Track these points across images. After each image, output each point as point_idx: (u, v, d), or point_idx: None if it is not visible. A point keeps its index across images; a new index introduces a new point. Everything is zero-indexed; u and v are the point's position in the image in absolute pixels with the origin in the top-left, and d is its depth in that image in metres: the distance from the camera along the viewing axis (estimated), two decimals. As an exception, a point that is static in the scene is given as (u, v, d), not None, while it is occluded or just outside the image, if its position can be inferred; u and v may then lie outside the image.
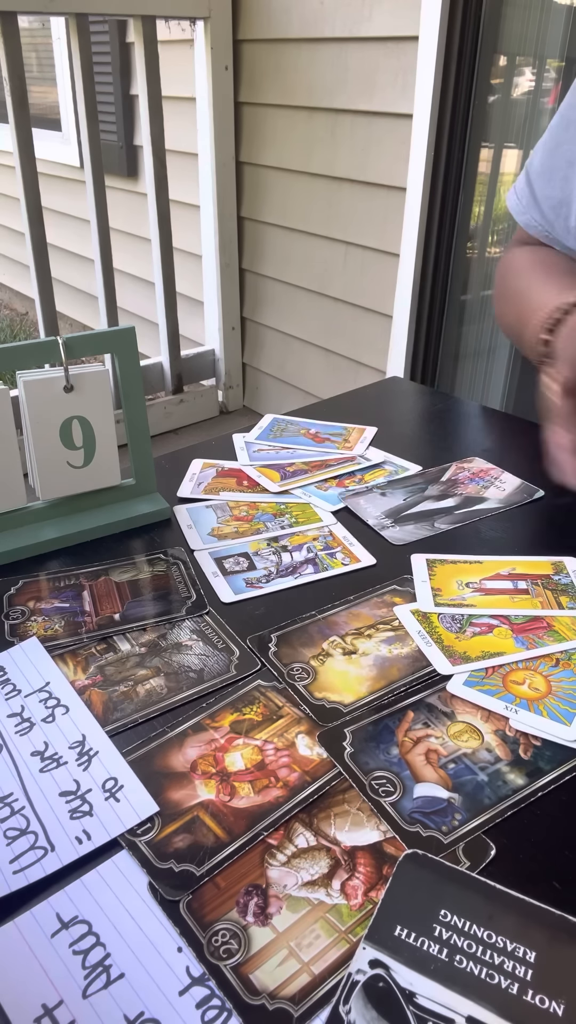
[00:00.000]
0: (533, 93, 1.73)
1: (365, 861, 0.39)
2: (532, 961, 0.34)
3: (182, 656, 0.52)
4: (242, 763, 0.44)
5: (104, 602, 0.57)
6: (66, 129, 3.33)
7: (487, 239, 1.89)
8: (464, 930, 0.35)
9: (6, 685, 0.49)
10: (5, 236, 4.11)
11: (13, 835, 0.40)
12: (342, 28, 1.91)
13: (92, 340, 0.62)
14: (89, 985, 0.34)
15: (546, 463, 0.58)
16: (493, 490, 0.71)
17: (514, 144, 1.78)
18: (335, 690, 0.49)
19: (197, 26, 2.15)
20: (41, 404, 0.61)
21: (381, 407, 0.90)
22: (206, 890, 0.37)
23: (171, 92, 2.20)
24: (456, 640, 0.53)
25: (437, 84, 1.72)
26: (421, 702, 0.48)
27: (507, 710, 0.47)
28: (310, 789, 0.42)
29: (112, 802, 0.41)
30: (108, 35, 2.73)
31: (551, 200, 0.83)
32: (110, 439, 0.64)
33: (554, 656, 0.51)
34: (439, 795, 0.42)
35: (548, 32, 1.65)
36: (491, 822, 0.40)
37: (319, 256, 2.19)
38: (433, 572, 0.60)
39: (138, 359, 0.63)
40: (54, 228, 2.26)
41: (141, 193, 2.65)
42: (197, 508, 0.69)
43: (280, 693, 0.49)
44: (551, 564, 0.61)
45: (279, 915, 0.36)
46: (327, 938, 0.35)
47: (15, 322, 4.27)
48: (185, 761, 0.44)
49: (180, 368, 2.45)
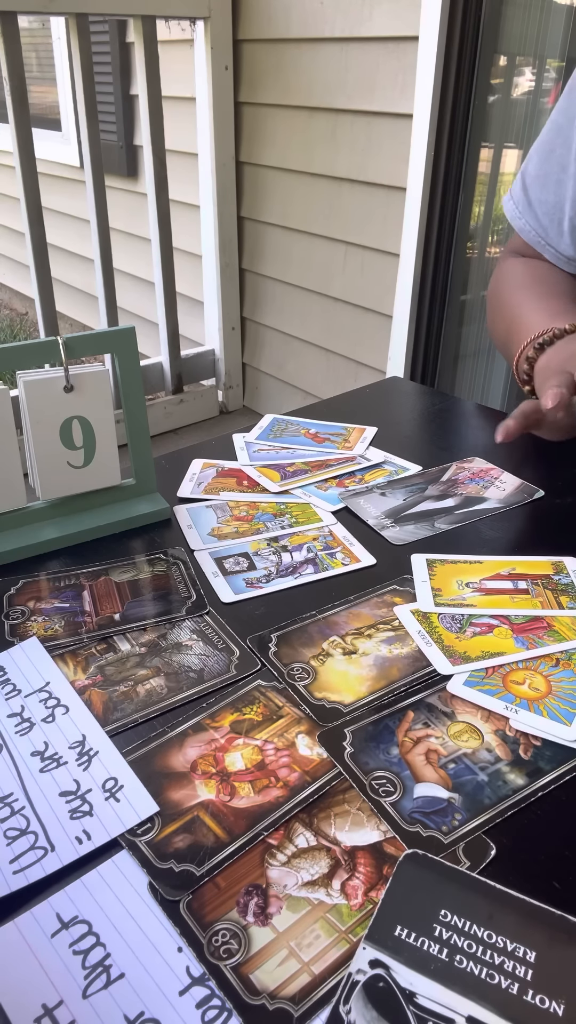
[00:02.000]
0: (533, 93, 1.73)
1: (365, 861, 0.39)
2: (532, 961, 0.34)
3: (182, 656, 0.52)
4: (242, 763, 0.44)
5: (104, 602, 0.57)
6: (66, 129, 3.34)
7: (487, 239, 1.90)
8: (464, 930, 0.35)
9: (6, 685, 0.49)
10: (5, 236, 4.11)
11: (13, 835, 0.40)
12: (342, 28, 1.91)
13: (92, 340, 0.62)
14: (89, 985, 0.34)
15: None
16: (493, 490, 0.71)
17: (514, 144, 1.78)
18: (335, 690, 0.49)
19: (197, 26, 2.16)
20: (41, 404, 0.61)
21: (381, 407, 0.90)
22: (206, 890, 0.37)
23: (171, 92, 2.21)
24: (456, 640, 0.53)
25: (437, 84, 1.72)
26: (421, 702, 0.48)
27: (507, 710, 0.47)
28: (310, 789, 0.42)
29: (112, 802, 0.41)
30: (108, 35, 2.73)
31: (545, 205, 0.83)
32: (110, 439, 0.64)
33: (554, 656, 0.51)
34: (439, 795, 0.42)
35: (548, 32, 1.65)
36: (491, 822, 0.40)
37: (319, 256, 2.19)
38: (433, 572, 0.60)
39: (138, 359, 0.63)
40: (54, 228, 2.27)
41: (141, 193, 2.65)
42: (197, 508, 0.69)
43: (280, 693, 0.49)
44: (551, 564, 0.61)
45: (279, 915, 0.36)
46: (327, 938, 0.35)
47: (15, 322, 4.27)
48: (185, 761, 0.44)
49: (180, 368, 2.45)
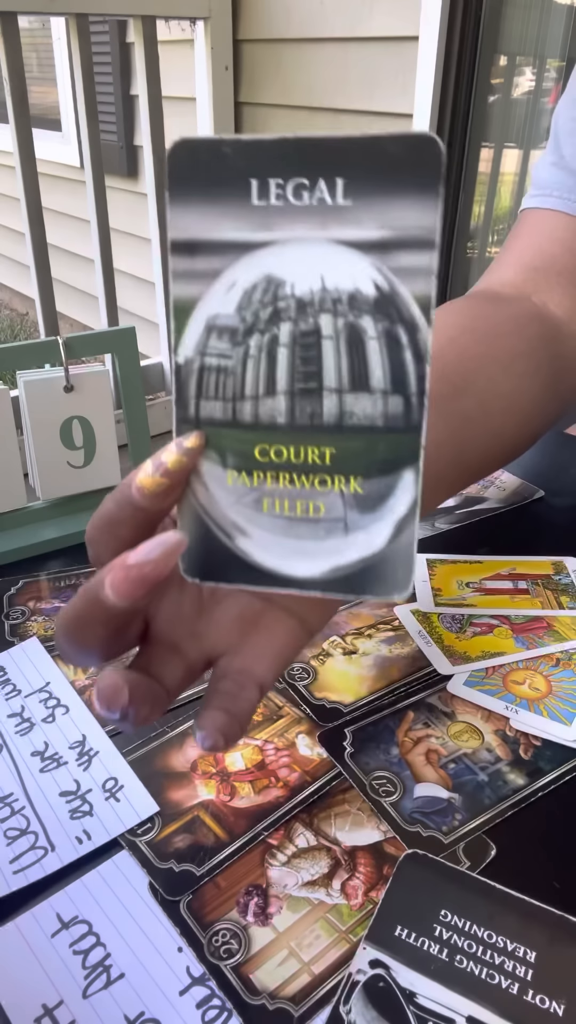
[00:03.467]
0: (533, 93, 1.73)
1: (365, 861, 0.39)
2: (532, 961, 0.34)
3: (182, 656, 0.52)
4: (242, 763, 0.44)
5: (104, 602, 0.57)
6: (66, 129, 3.34)
7: (487, 239, 1.90)
8: (464, 930, 0.35)
9: (6, 685, 0.49)
10: (5, 236, 4.11)
11: (13, 835, 0.40)
12: (342, 28, 1.91)
13: (92, 340, 0.62)
14: (89, 985, 0.34)
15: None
16: (493, 490, 0.71)
17: (514, 144, 1.78)
18: (335, 690, 0.49)
19: (197, 26, 2.16)
20: (41, 404, 0.61)
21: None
22: (206, 890, 0.37)
23: (171, 92, 2.20)
24: (456, 640, 0.53)
25: (437, 84, 1.72)
26: (421, 702, 0.48)
27: (507, 710, 0.47)
28: (310, 789, 0.42)
29: (112, 802, 0.41)
30: (108, 35, 2.73)
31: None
32: (110, 439, 0.64)
33: (554, 656, 0.51)
34: (439, 795, 0.42)
35: (548, 32, 1.65)
36: (491, 822, 0.40)
37: (319, 256, 2.19)
38: (433, 572, 0.60)
39: (138, 359, 0.63)
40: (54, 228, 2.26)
41: (141, 193, 2.65)
42: (197, 508, 0.69)
43: (280, 693, 0.49)
44: (551, 564, 0.60)
45: (279, 915, 0.36)
46: (327, 938, 0.35)
47: (15, 322, 4.27)
48: (185, 761, 0.44)
49: (180, 368, 2.45)
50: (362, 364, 0.28)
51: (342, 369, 0.28)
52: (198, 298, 0.29)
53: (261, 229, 0.27)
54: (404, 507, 0.29)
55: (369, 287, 0.27)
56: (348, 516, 0.29)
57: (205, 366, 0.29)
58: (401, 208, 0.26)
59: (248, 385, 0.29)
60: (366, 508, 0.29)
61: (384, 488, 0.29)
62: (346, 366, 0.28)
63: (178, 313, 0.29)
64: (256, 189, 0.27)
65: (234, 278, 0.28)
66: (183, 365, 0.29)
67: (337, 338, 0.28)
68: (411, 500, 0.29)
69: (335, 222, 0.27)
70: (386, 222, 0.27)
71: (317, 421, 0.29)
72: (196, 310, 0.29)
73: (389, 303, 0.27)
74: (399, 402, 0.28)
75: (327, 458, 0.29)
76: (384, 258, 0.27)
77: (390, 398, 0.28)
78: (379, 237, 0.27)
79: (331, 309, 0.28)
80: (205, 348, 0.29)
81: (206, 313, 0.29)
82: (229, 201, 0.27)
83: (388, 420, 0.28)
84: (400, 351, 0.28)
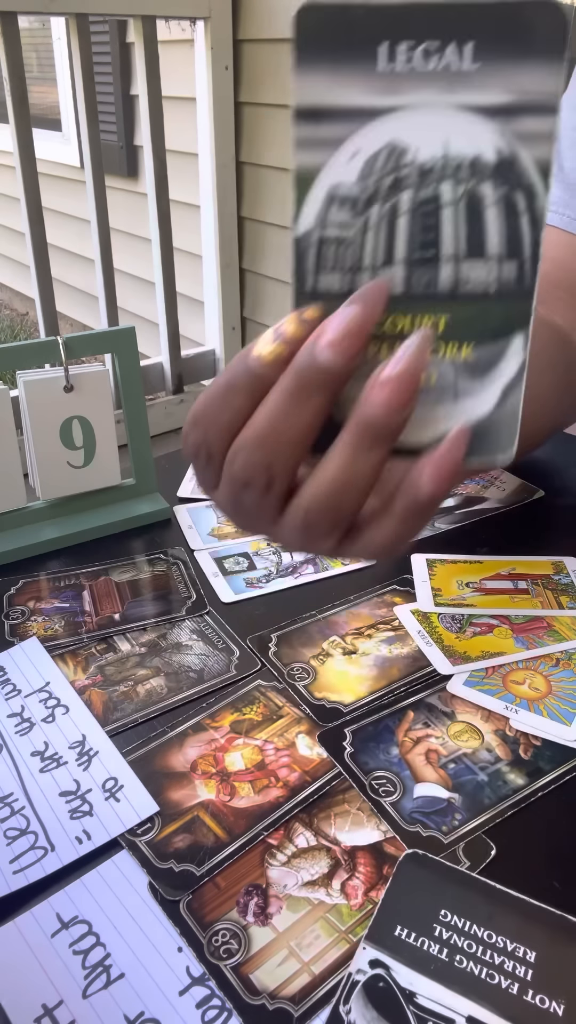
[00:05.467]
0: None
1: (365, 861, 0.39)
2: (532, 961, 0.34)
3: (182, 656, 0.52)
4: (242, 763, 0.44)
5: (104, 602, 0.57)
6: (66, 129, 3.34)
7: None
8: (464, 930, 0.35)
9: (6, 685, 0.49)
10: (5, 236, 4.11)
11: (13, 835, 0.40)
12: (342, 28, 1.91)
13: (92, 340, 0.62)
14: (89, 985, 0.34)
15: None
16: (493, 490, 0.71)
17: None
18: (335, 690, 0.49)
19: (197, 26, 2.15)
20: (41, 404, 0.61)
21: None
22: (206, 890, 0.37)
23: (171, 92, 2.20)
24: (456, 640, 0.53)
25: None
26: (421, 702, 0.48)
27: (507, 710, 0.47)
28: (310, 789, 0.42)
29: (112, 802, 0.41)
30: (108, 35, 2.73)
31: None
32: (110, 439, 0.64)
33: (554, 656, 0.51)
34: (439, 795, 0.42)
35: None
36: (491, 822, 0.40)
37: (319, 256, 2.19)
38: (433, 572, 0.60)
39: (138, 359, 0.63)
40: (54, 228, 2.26)
41: (141, 193, 2.64)
42: (197, 508, 0.69)
43: (280, 693, 0.49)
44: (551, 564, 0.60)
45: (279, 915, 0.36)
46: (327, 938, 0.35)
47: (15, 322, 4.27)
48: (185, 761, 0.44)
49: (180, 368, 2.45)
50: (479, 231, 0.28)
51: (460, 236, 0.28)
52: (320, 167, 0.28)
53: (387, 94, 0.27)
54: (512, 371, 0.29)
55: (491, 153, 0.27)
56: (458, 383, 0.30)
57: (324, 238, 0.29)
58: (527, 72, 0.26)
59: (367, 256, 0.29)
60: (476, 374, 0.30)
61: (494, 354, 0.29)
62: (464, 233, 0.28)
63: (300, 183, 0.29)
64: (384, 54, 0.27)
65: (358, 146, 0.28)
66: (302, 237, 0.29)
67: (456, 205, 0.28)
68: (519, 364, 0.29)
69: (462, 86, 0.27)
70: (512, 86, 0.26)
71: (432, 290, 0.29)
72: (318, 180, 0.29)
73: (509, 169, 0.27)
74: (513, 267, 0.28)
75: (441, 326, 0.29)
76: (508, 123, 0.27)
77: (504, 264, 0.28)
78: (505, 101, 0.27)
79: (452, 176, 0.28)
80: (325, 219, 0.29)
81: (328, 183, 0.29)
82: (355, 66, 0.27)
83: (502, 286, 0.28)
84: (517, 217, 0.28)
